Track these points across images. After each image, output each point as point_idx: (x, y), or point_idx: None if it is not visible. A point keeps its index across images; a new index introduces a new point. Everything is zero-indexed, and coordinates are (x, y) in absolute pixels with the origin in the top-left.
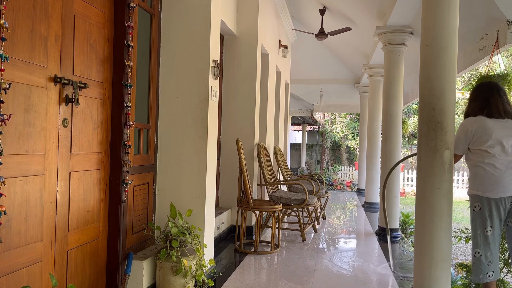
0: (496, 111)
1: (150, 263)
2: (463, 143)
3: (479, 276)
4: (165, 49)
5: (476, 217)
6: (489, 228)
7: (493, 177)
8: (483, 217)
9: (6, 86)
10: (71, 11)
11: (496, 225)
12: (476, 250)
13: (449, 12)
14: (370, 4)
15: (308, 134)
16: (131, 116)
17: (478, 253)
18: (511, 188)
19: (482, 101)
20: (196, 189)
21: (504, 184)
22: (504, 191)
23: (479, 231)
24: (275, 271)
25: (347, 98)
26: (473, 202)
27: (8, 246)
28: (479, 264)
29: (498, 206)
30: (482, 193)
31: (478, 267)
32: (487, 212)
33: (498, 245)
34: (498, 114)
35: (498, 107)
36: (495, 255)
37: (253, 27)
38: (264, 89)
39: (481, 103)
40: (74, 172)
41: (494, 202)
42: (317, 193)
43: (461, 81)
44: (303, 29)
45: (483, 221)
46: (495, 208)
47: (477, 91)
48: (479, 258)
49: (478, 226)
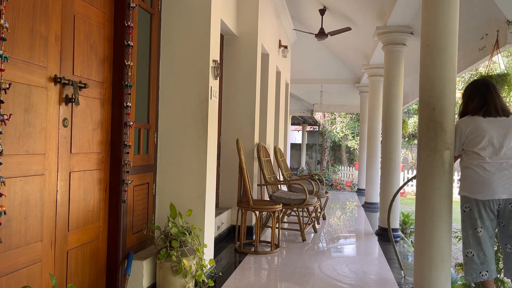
0: (494, 109)
1: (150, 263)
2: (458, 144)
3: (472, 275)
4: (165, 49)
5: (466, 217)
6: (479, 229)
7: (482, 179)
8: (472, 218)
9: (6, 86)
10: (71, 11)
11: (487, 225)
12: (468, 250)
13: (449, 12)
14: (370, 4)
15: (308, 134)
16: (131, 116)
17: (471, 253)
18: (500, 191)
19: (480, 98)
20: (196, 189)
21: (493, 187)
22: (493, 194)
23: (470, 232)
24: (275, 271)
25: (347, 98)
26: (463, 203)
27: (8, 246)
28: (472, 263)
29: (487, 208)
30: (471, 195)
31: (471, 266)
32: (476, 213)
33: (491, 244)
34: (496, 112)
35: (496, 105)
36: (488, 255)
37: (253, 27)
38: (264, 89)
39: (480, 100)
40: (74, 172)
41: (482, 204)
42: (317, 193)
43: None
44: (303, 29)
45: (473, 222)
46: (484, 210)
47: (473, 89)
48: (471, 258)
49: (469, 226)
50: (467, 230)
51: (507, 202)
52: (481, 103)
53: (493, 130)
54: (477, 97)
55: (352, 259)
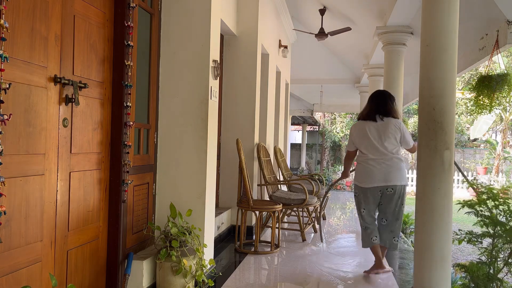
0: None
1: (150, 263)
2: (350, 143)
3: (366, 242)
4: (165, 49)
5: (356, 200)
6: (362, 210)
7: (366, 172)
8: (359, 201)
9: (6, 86)
10: (71, 11)
11: (370, 206)
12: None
13: (449, 12)
14: (370, 4)
15: (308, 134)
16: (131, 116)
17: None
18: (378, 180)
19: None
20: (196, 189)
21: (373, 178)
22: (373, 183)
23: (359, 211)
24: (275, 271)
25: (347, 98)
26: (354, 190)
27: (8, 246)
28: (365, 234)
29: (369, 194)
30: (358, 184)
31: (364, 236)
32: (362, 197)
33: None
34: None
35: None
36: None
37: (253, 27)
38: (264, 89)
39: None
40: (74, 172)
41: (366, 190)
42: (317, 193)
43: (461, 81)
44: (303, 29)
45: (359, 205)
46: (367, 195)
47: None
48: (364, 231)
49: (357, 207)
50: (358, 209)
51: (384, 188)
52: (366, 110)
53: (374, 132)
54: (367, 105)
55: (352, 258)
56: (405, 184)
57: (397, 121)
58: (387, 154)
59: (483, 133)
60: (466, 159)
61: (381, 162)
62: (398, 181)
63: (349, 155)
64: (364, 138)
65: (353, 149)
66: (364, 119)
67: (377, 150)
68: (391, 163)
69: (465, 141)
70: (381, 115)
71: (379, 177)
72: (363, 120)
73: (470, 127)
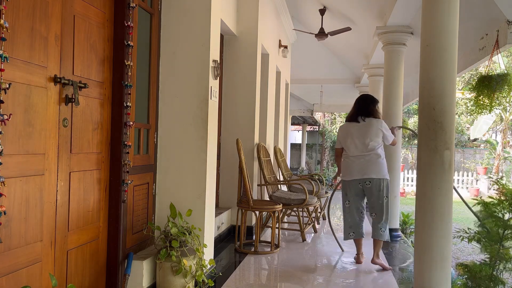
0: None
1: (150, 263)
2: (338, 142)
3: (345, 235)
4: (165, 49)
5: (342, 194)
6: (346, 202)
7: (347, 167)
8: (344, 195)
9: (6, 86)
10: (71, 11)
11: (353, 199)
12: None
13: (449, 12)
14: (370, 4)
15: (308, 134)
16: (131, 116)
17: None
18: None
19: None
20: (196, 189)
21: (352, 171)
22: (352, 176)
23: (343, 205)
24: (275, 271)
25: (347, 98)
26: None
27: (8, 246)
28: (344, 227)
29: (351, 187)
30: (342, 177)
31: (344, 229)
32: (346, 190)
33: (357, 213)
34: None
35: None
36: (352, 221)
37: (253, 27)
38: (264, 89)
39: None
40: (74, 172)
41: (348, 183)
42: (317, 193)
43: (461, 81)
44: (303, 29)
45: (344, 198)
46: (350, 188)
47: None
48: (344, 224)
49: (343, 201)
50: (342, 202)
51: (362, 181)
52: (351, 112)
53: (356, 132)
54: (352, 108)
55: (353, 258)
56: (383, 177)
57: (378, 120)
58: (366, 150)
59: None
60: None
61: (360, 157)
62: (374, 174)
63: (337, 153)
64: (347, 137)
65: (340, 147)
66: (349, 121)
67: (357, 147)
68: (369, 158)
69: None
70: (363, 116)
71: (357, 170)
72: (348, 122)
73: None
